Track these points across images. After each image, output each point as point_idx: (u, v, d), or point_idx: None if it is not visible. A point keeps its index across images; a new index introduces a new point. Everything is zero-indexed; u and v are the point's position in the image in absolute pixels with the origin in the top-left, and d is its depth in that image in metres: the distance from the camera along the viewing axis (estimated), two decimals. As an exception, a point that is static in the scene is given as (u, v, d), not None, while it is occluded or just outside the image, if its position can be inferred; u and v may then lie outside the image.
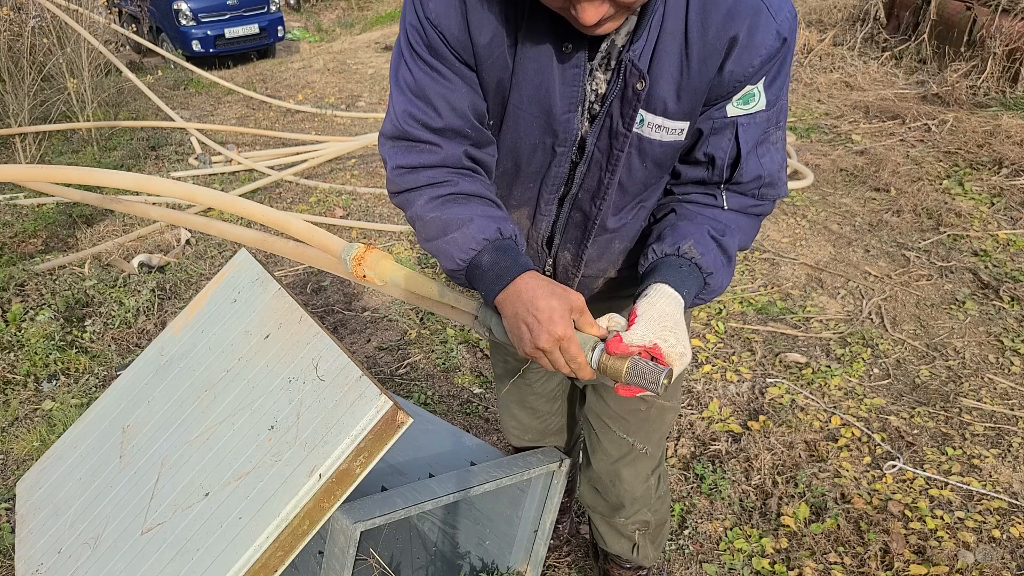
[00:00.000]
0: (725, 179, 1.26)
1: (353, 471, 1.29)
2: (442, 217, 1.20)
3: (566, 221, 1.36)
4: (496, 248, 1.18)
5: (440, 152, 1.21)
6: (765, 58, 1.16)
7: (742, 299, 3.41)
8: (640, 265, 1.28)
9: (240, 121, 6.36)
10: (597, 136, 1.23)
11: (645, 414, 1.59)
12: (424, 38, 1.17)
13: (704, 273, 1.22)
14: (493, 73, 1.20)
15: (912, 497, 2.34)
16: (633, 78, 1.15)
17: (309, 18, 13.72)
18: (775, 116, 1.24)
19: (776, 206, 4.25)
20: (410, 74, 1.20)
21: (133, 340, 3.19)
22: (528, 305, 1.12)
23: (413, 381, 2.96)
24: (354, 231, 4.17)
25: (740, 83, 1.18)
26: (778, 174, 1.27)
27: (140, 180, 1.70)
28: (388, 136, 1.25)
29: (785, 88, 1.23)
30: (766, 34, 1.14)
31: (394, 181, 1.25)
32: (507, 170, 1.33)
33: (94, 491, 1.64)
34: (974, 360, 2.98)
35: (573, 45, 1.16)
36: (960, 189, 4.35)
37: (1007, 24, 5.55)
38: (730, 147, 1.23)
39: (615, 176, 1.26)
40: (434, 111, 1.19)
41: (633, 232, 1.39)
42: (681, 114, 1.20)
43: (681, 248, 1.21)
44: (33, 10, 5.53)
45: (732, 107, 1.21)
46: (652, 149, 1.24)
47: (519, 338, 1.15)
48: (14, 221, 4.21)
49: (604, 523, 1.80)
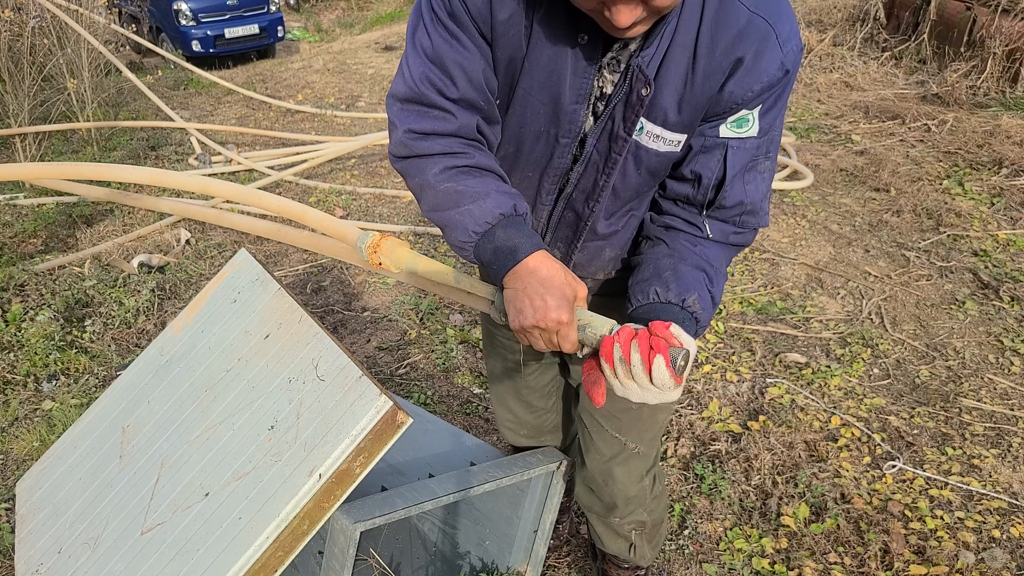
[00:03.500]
0: (708, 201, 1.27)
1: (353, 471, 1.29)
2: (457, 188, 1.20)
3: (559, 220, 1.37)
4: (510, 223, 1.19)
5: (455, 121, 1.21)
6: (766, 85, 1.17)
7: (742, 299, 3.41)
8: (636, 299, 1.27)
9: (240, 121, 6.36)
10: (597, 137, 1.24)
11: (637, 413, 1.59)
12: (447, 4, 1.16)
13: (699, 327, 1.24)
14: (506, 51, 1.19)
15: (912, 497, 2.34)
16: (639, 83, 1.16)
17: (309, 18, 13.73)
18: (765, 145, 1.25)
19: (772, 205, 4.25)
20: (428, 39, 1.19)
21: (133, 340, 3.19)
22: (538, 285, 1.14)
23: (413, 381, 2.96)
24: (354, 231, 4.17)
25: (737, 105, 1.19)
26: (760, 203, 1.29)
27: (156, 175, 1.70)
28: (400, 98, 1.23)
29: (779, 120, 1.25)
30: (770, 62, 1.15)
31: (405, 144, 1.23)
32: (508, 154, 1.33)
33: (94, 491, 1.63)
34: (974, 360, 2.98)
35: (588, 37, 1.16)
36: (960, 189, 4.35)
37: (1007, 24, 5.55)
38: (718, 168, 1.24)
39: (611, 179, 1.27)
40: (450, 80, 1.18)
41: (623, 241, 1.41)
42: (680, 127, 1.21)
43: (686, 302, 1.22)
44: (33, 10, 5.53)
45: (725, 128, 1.22)
46: (648, 158, 1.25)
47: (520, 311, 1.15)
48: (14, 221, 4.21)
49: (600, 523, 1.80)
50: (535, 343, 1.18)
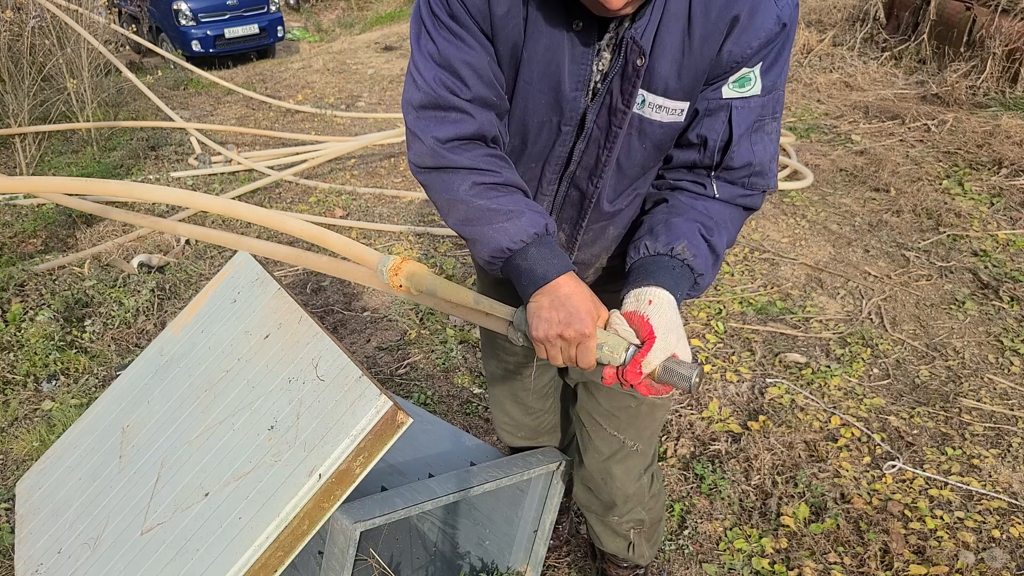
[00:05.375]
0: (716, 163, 1.27)
1: (353, 471, 1.29)
2: (490, 206, 1.20)
3: (563, 200, 1.38)
4: (543, 243, 1.20)
5: (473, 122, 1.21)
6: (764, 41, 1.17)
7: (742, 299, 3.41)
8: (630, 256, 1.28)
9: (240, 121, 6.36)
10: (597, 113, 1.24)
11: (635, 411, 1.59)
12: (446, 6, 1.17)
13: (695, 274, 1.24)
14: (507, 45, 1.20)
15: (912, 497, 2.34)
16: (633, 55, 1.16)
17: (309, 18, 13.73)
18: (770, 105, 1.24)
19: (772, 205, 4.26)
20: (433, 43, 1.19)
21: (133, 340, 3.19)
22: (565, 299, 1.16)
23: (413, 381, 2.96)
24: (354, 231, 4.17)
25: (737, 64, 1.19)
26: (769, 164, 1.28)
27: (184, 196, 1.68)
28: (416, 105, 1.22)
29: (782, 77, 1.24)
30: (766, 17, 1.15)
31: (432, 155, 1.22)
32: (514, 148, 1.33)
33: (94, 491, 1.64)
34: (974, 360, 2.99)
35: (584, 23, 1.16)
36: (960, 189, 4.35)
37: (1007, 24, 5.55)
38: (723, 129, 1.24)
39: (613, 153, 1.27)
40: (461, 81, 1.19)
41: (627, 219, 1.40)
42: (681, 94, 1.21)
43: (675, 249, 1.22)
44: (33, 10, 5.53)
45: (728, 88, 1.22)
46: (652, 130, 1.25)
47: (546, 320, 1.16)
48: (14, 221, 4.21)
49: (599, 522, 1.80)
50: (554, 356, 1.19)
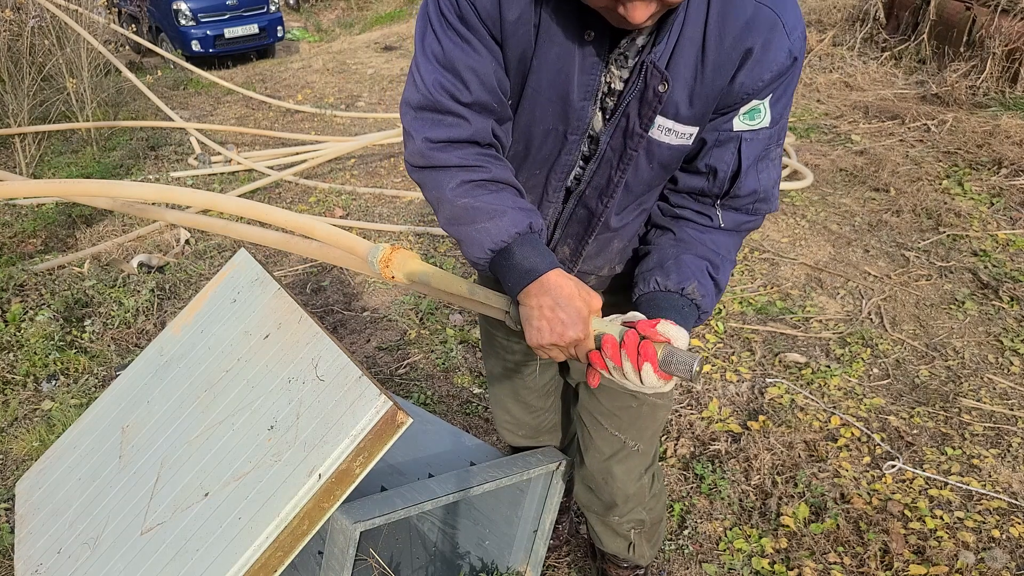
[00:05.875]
0: (723, 192, 1.29)
1: (353, 471, 1.29)
2: (474, 204, 1.20)
3: (569, 216, 1.38)
4: (526, 242, 1.20)
5: (469, 127, 1.21)
6: (775, 74, 1.18)
7: (742, 299, 3.41)
8: (638, 288, 1.30)
9: (240, 121, 6.36)
10: (611, 135, 1.25)
11: (636, 411, 1.59)
12: (456, 8, 1.16)
13: (700, 312, 1.27)
14: (516, 51, 1.20)
15: (912, 497, 2.34)
16: (655, 80, 1.17)
17: (309, 18, 13.73)
18: (776, 134, 1.26)
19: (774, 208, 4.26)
20: (438, 44, 1.18)
21: (133, 340, 3.19)
22: (554, 303, 1.16)
23: (413, 381, 2.96)
24: (354, 231, 4.18)
25: (748, 96, 1.20)
26: (772, 190, 1.31)
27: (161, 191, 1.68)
28: (414, 106, 1.22)
29: (788, 107, 1.26)
30: (779, 51, 1.16)
31: (422, 154, 1.23)
32: (517, 153, 1.33)
33: (94, 491, 1.63)
34: (974, 360, 2.99)
35: (596, 33, 1.16)
36: (959, 189, 4.35)
37: (1006, 24, 5.55)
38: (732, 160, 1.26)
39: (625, 175, 1.28)
40: (463, 84, 1.18)
41: (632, 233, 1.41)
42: (692, 119, 1.22)
43: (685, 290, 1.25)
44: (33, 10, 5.53)
45: (738, 121, 1.23)
46: (660, 152, 1.26)
47: (538, 331, 1.17)
48: (14, 221, 4.21)
49: (599, 522, 1.80)
50: (554, 357, 1.21)
